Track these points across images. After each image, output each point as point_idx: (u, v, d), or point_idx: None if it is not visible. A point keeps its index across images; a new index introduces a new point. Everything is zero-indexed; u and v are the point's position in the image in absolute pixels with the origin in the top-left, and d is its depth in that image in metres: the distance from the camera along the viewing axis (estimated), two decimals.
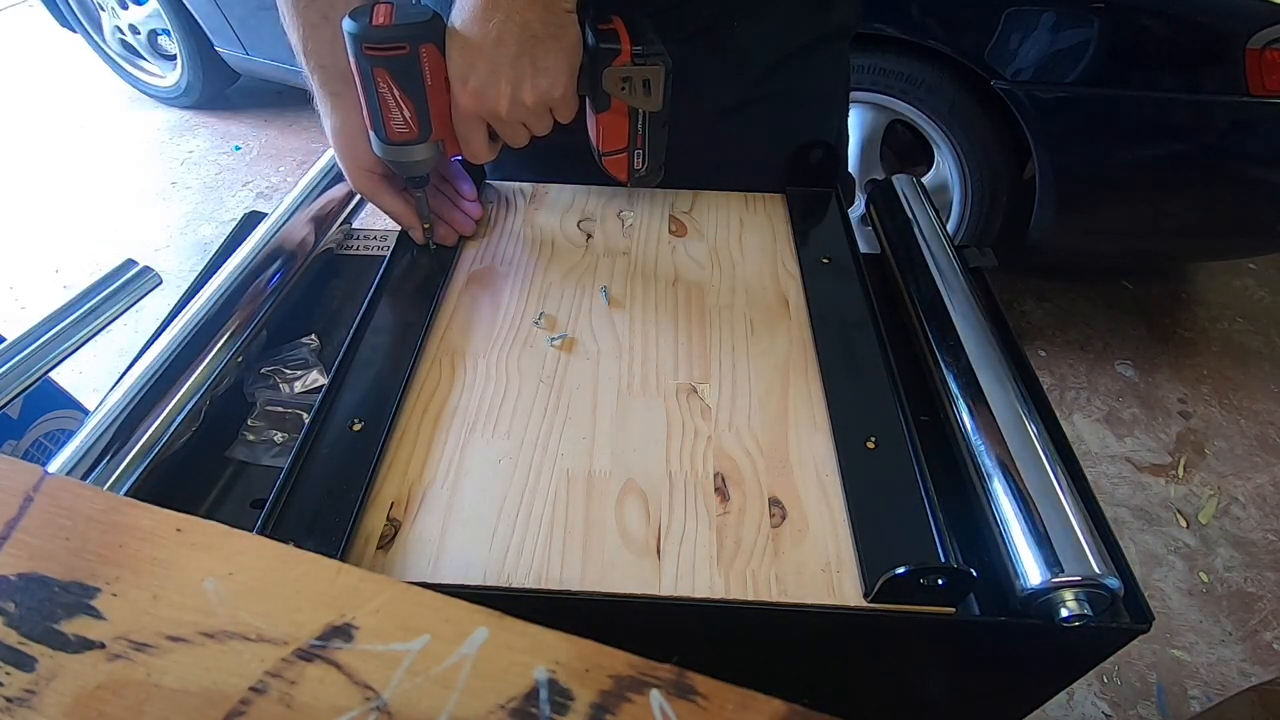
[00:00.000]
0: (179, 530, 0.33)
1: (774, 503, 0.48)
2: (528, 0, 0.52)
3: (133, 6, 2.59)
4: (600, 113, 0.61)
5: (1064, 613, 0.41)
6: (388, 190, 0.64)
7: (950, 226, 1.76)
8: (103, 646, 0.29)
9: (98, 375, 1.60)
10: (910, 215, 0.70)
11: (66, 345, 0.60)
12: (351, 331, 0.57)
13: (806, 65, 0.75)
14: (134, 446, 0.49)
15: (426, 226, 0.65)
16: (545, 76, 0.55)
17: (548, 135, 0.61)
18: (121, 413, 0.49)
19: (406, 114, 0.56)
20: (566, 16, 0.54)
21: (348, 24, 0.53)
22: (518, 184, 0.76)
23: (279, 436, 0.56)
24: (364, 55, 0.53)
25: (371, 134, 0.59)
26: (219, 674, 0.29)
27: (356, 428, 0.50)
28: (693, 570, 0.44)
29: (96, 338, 0.63)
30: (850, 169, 1.15)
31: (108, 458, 0.47)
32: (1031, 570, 0.42)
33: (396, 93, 0.55)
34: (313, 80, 0.61)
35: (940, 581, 0.41)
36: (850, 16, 0.77)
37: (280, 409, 0.58)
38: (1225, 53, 1.36)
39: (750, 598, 0.43)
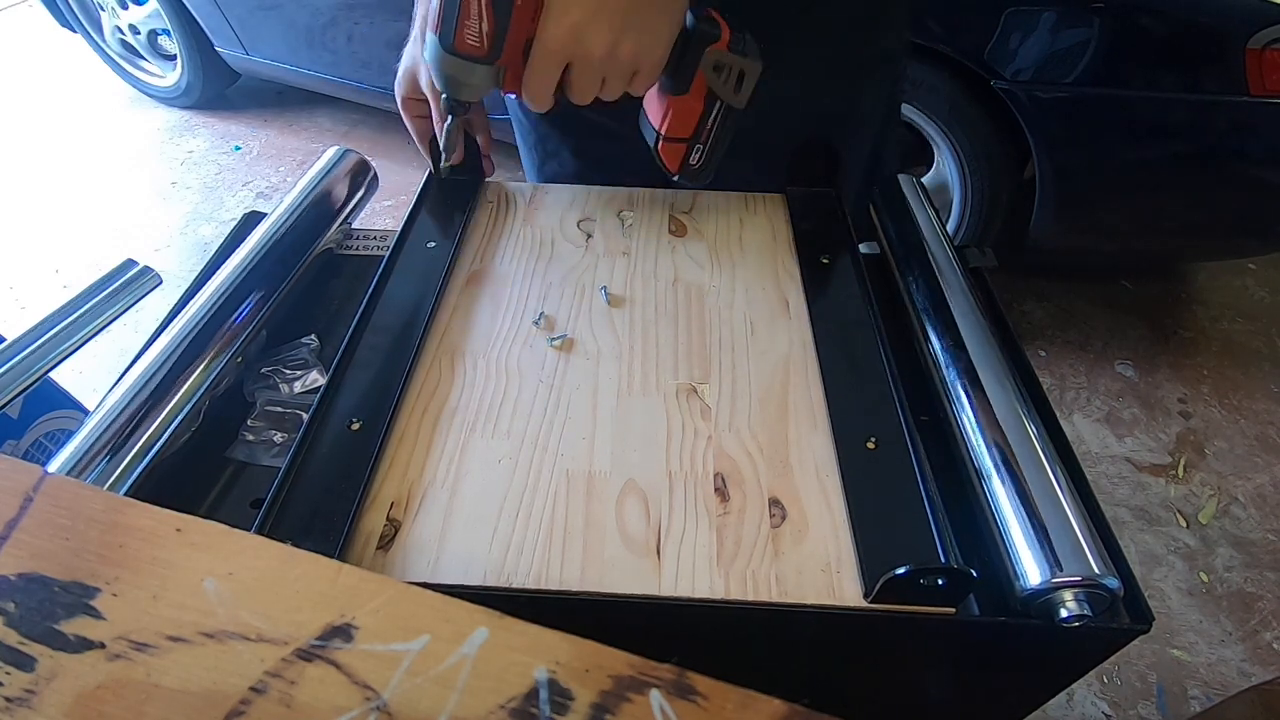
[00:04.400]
0: (179, 530, 0.33)
1: (774, 503, 0.47)
2: None
3: (133, 6, 2.59)
4: (676, 95, 0.57)
5: (1064, 613, 0.41)
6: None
7: (950, 226, 1.76)
8: (103, 646, 0.29)
9: (98, 375, 1.60)
10: (910, 215, 0.70)
11: (66, 345, 0.60)
12: (350, 331, 0.57)
13: (847, 88, 0.74)
14: (134, 446, 0.49)
15: (447, 164, 0.61)
16: (649, 35, 0.53)
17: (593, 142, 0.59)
18: (121, 413, 0.49)
19: (484, 27, 0.50)
20: None
21: None
22: (517, 184, 0.76)
23: (279, 436, 0.56)
24: None
25: (432, 36, 0.52)
26: (219, 674, 0.29)
27: (355, 427, 0.50)
28: (693, 570, 0.44)
29: (96, 338, 0.63)
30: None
31: (108, 458, 0.47)
32: (1031, 570, 0.42)
33: (484, 1, 0.49)
34: None
35: (940, 581, 0.41)
36: (897, 43, 0.76)
37: (280, 409, 0.58)
38: (1225, 53, 1.36)
39: (750, 598, 0.43)
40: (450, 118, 0.58)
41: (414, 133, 0.72)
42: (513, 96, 0.62)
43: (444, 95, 0.57)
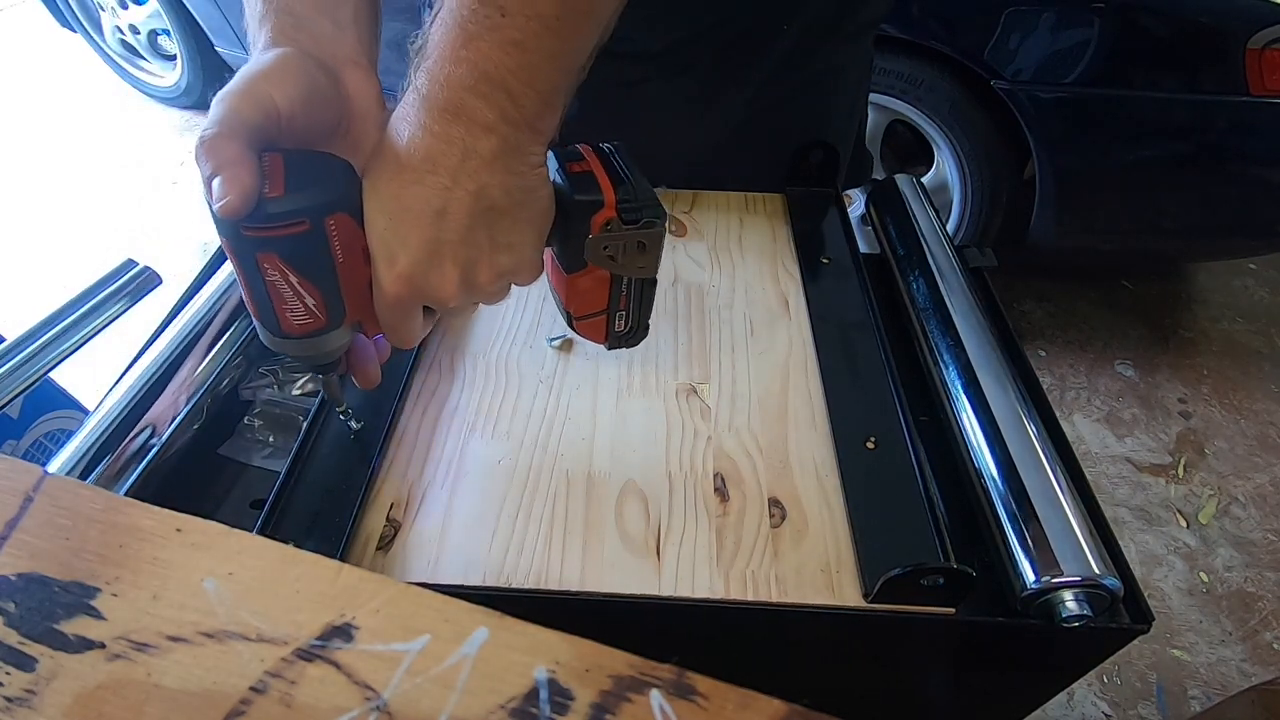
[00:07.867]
0: (179, 530, 0.33)
1: (774, 503, 0.47)
2: (483, 159, 0.37)
3: (133, 6, 2.59)
4: (573, 273, 0.45)
5: (1064, 613, 0.41)
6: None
7: (950, 226, 1.76)
8: (103, 646, 0.29)
9: (98, 375, 1.60)
10: (910, 215, 0.70)
11: (66, 345, 0.60)
12: None
13: (831, 61, 0.74)
14: (134, 446, 0.49)
15: (344, 409, 0.51)
16: (508, 253, 0.41)
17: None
18: (121, 413, 0.49)
19: (310, 303, 0.40)
20: (535, 175, 0.40)
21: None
22: None
23: (273, 438, 0.56)
24: (244, 238, 0.36)
25: (257, 324, 0.42)
26: (219, 674, 0.29)
27: (355, 427, 0.50)
28: (692, 570, 0.44)
29: (96, 338, 0.63)
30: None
31: (108, 458, 0.47)
32: (1031, 570, 0.42)
33: (294, 279, 0.39)
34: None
35: (940, 581, 0.41)
36: (880, 9, 0.76)
37: (278, 410, 0.58)
38: (1225, 53, 1.36)
39: (750, 598, 0.43)
40: (326, 376, 0.47)
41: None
42: None
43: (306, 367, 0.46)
